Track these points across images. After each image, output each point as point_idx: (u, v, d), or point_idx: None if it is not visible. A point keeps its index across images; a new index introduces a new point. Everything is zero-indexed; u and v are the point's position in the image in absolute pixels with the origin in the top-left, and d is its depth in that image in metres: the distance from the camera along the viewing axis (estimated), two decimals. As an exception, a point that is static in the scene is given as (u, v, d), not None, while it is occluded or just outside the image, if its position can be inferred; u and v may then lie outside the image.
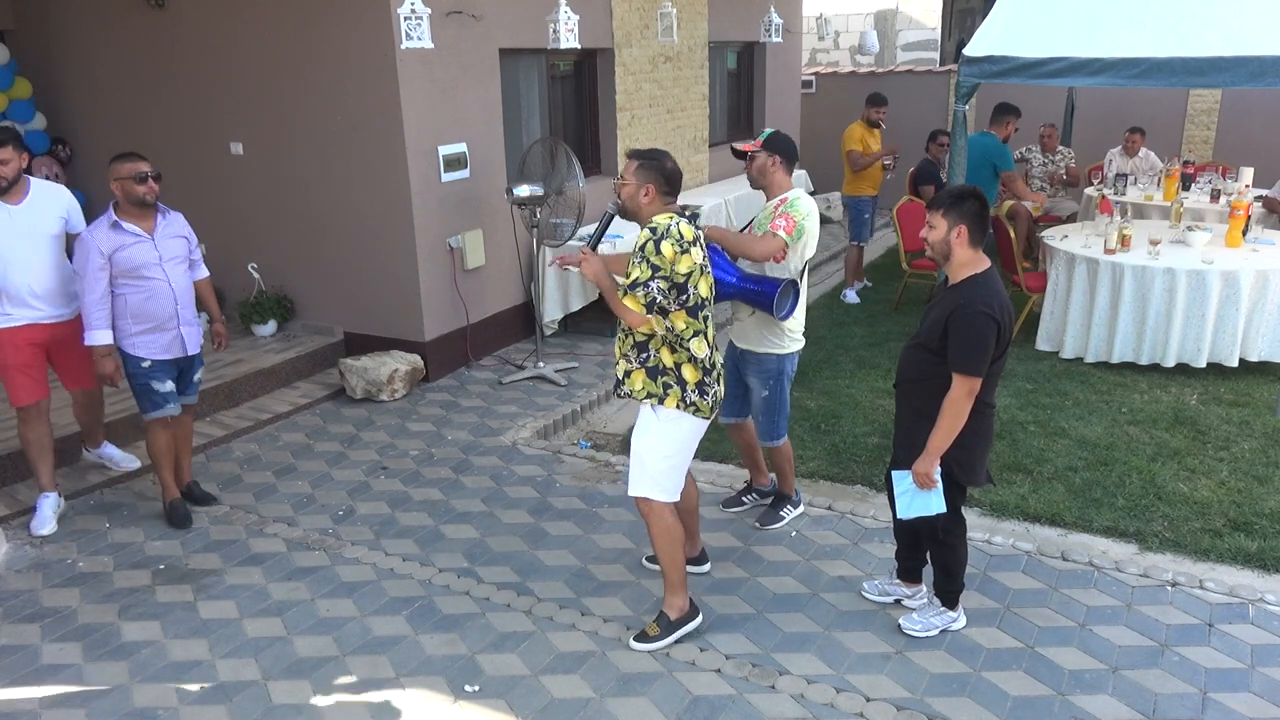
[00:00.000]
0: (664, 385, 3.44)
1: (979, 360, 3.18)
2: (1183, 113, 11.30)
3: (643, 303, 3.28)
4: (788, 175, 4.09)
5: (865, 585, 3.96)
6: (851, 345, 7.15)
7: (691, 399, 3.44)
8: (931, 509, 3.38)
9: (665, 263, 3.26)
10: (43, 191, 4.53)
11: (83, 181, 7.60)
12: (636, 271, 3.28)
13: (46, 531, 4.52)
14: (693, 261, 3.31)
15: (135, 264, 4.30)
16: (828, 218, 12.13)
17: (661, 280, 3.26)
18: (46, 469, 4.59)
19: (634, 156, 3.42)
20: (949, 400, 3.23)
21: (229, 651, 3.66)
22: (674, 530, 3.55)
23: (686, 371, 3.43)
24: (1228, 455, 5.10)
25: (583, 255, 3.42)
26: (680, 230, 3.31)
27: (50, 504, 4.60)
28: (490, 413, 6.03)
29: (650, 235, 3.29)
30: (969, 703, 3.29)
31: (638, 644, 3.62)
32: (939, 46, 14.82)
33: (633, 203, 3.40)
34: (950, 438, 3.28)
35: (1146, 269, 6.27)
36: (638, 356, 3.46)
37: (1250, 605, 3.80)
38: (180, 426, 4.71)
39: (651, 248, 3.27)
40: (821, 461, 5.17)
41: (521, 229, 7.12)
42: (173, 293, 4.41)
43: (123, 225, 4.29)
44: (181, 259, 4.50)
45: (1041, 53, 5.95)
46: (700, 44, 9.28)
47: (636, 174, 3.37)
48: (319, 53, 6.19)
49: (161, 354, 4.45)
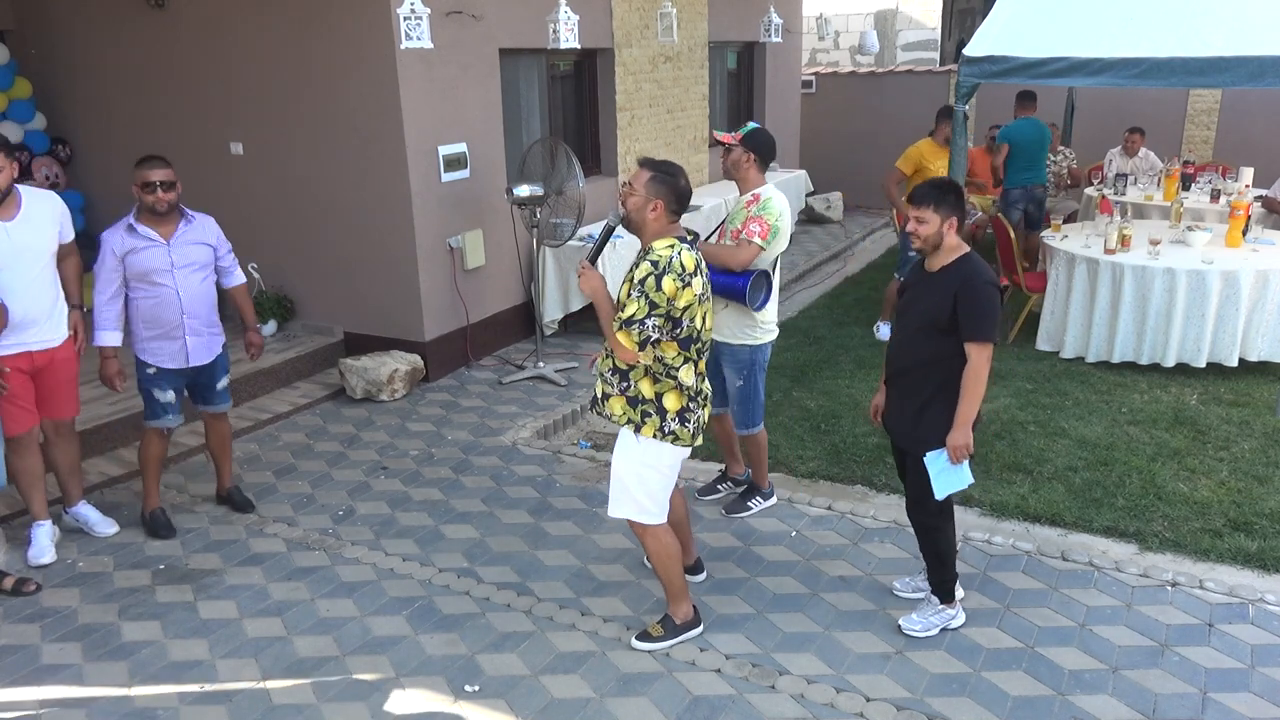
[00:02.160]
0: (642, 414, 3.35)
1: (994, 327, 3.34)
2: (1183, 113, 11.31)
3: (636, 340, 3.19)
4: (761, 173, 4.16)
5: (897, 584, 3.97)
6: (851, 345, 7.15)
7: (671, 428, 3.35)
8: (964, 482, 3.45)
9: (664, 299, 3.16)
10: (35, 203, 4.14)
11: (82, 182, 7.61)
12: (633, 307, 3.16)
13: (46, 561, 4.28)
14: (693, 294, 3.20)
15: (146, 269, 4.25)
16: (827, 218, 12.13)
17: (658, 318, 3.17)
18: (39, 497, 4.35)
19: (647, 166, 3.26)
20: (972, 369, 3.33)
21: (229, 651, 3.66)
22: (669, 548, 3.53)
23: (668, 400, 3.33)
24: (1228, 455, 5.10)
25: (582, 269, 3.35)
26: (682, 262, 3.18)
27: (46, 533, 4.37)
28: (490, 413, 6.03)
29: (651, 270, 3.16)
30: (969, 703, 3.29)
31: (639, 643, 3.61)
32: (939, 46, 14.83)
33: (638, 215, 3.26)
34: (977, 405, 3.38)
35: (1146, 269, 6.27)
36: (618, 384, 3.37)
37: (1250, 605, 3.80)
38: (215, 434, 4.74)
39: (652, 283, 3.15)
40: (821, 461, 5.18)
41: (521, 229, 7.12)
42: (179, 301, 4.31)
43: (138, 229, 4.25)
44: (198, 266, 4.37)
45: (1041, 53, 5.95)
46: (700, 44, 9.29)
47: (647, 186, 3.22)
48: (319, 53, 6.19)
49: (167, 362, 4.39)
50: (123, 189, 7.35)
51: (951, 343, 3.35)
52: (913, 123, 12.48)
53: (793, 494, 4.80)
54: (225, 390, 4.66)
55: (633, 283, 3.21)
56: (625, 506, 3.47)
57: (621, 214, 3.34)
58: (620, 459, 3.45)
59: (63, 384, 4.29)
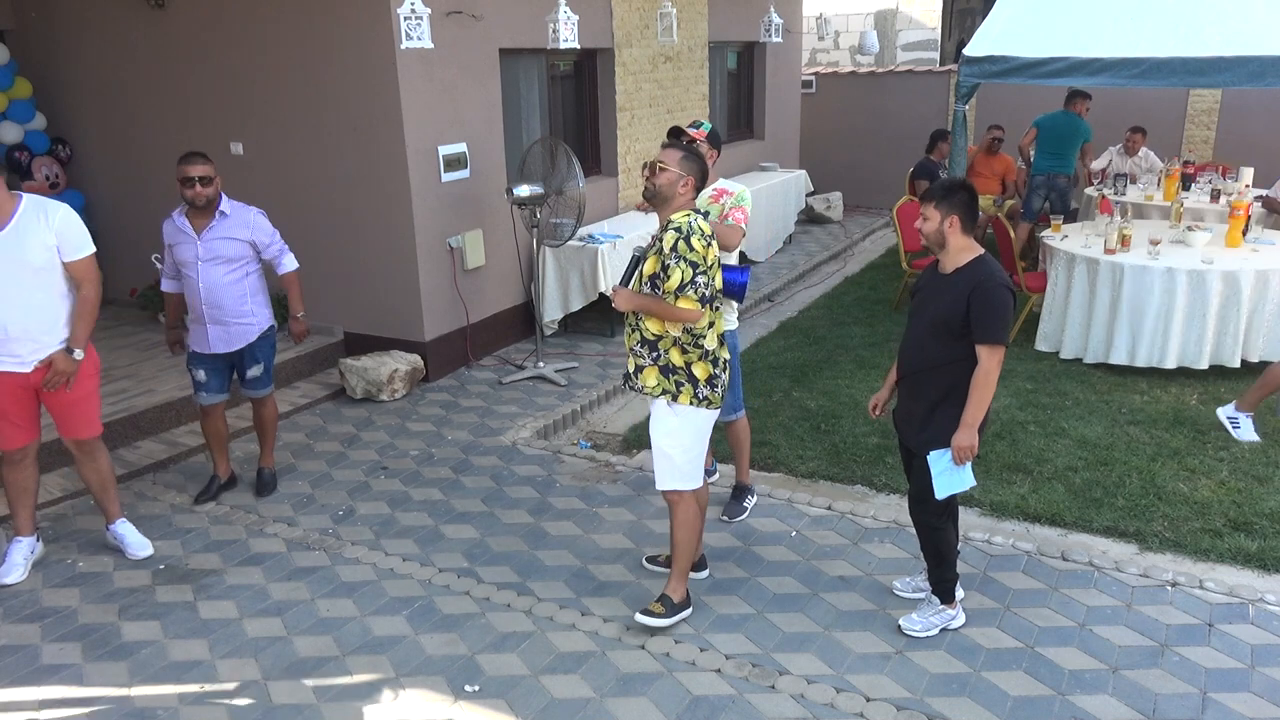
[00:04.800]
0: (676, 383, 3.54)
1: (1006, 330, 3.33)
2: (1183, 113, 11.30)
3: (696, 299, 3.39)
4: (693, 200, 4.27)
5: (897, 584, 3.97)
6: (851, 345, 7.15)
7: (704, 394, 3.56)
8: (965, 484, 3.45)
9: (700, 257, 3.38)
10: (31, 213, 3.85)
11: (82, 182, 7.60)
12: (678, 273, 3.37)
13: (12, 580, 4.12)
14: (714, 254, 3.48)
15: (178, 259, 4.59)
16: (827, 218, 12.13)
17: (703, 275, 3.39)
18: (24, 512, 4.20)
19: (675, 146, 3.50)
20: (982, 372, 3.33)
21: (229, 651, 3.66)
22: (696, 522, 3.73)
23: (698, 369, 3.54)
24: (1228, 455, 5.10)
25: (614, 293, 3.52)
26: (700, 226, 3.44)
27: (22, 549, 4.21)
28: (490, 413, 6.03)
29: (677, 234, 3.39)
30: (969, 703, 3.29)
31: (643, 617, 3.68)
32: (939, 46, 14.82)
33: (669, 189, 3.45)
34: (985, 408, 3.38)
35: (1146, 269, 6.26)
36: (649, 354, 3.55)
37: (1250, 605, 3.80)
38: (256, 416, 5.01)
39: (684, 246, 3.38)
40: (821, 461, 5.17)
41: (521, 229, 7.12)
42: (200, 292, 4.55)
43: (177, 220, 4.56)
44: (223, 260, 4.54)
45: (1041, 53, 5.96)
46: (700, 44, 9.29)
47: (681, 164, 3.45)
48: (319, 52, 6.19)
49: (197, 346, 4.68)
50: (123, 189, 7.40)
51: (964, 345, 3.36)
52: (913, 123, 12.50)
53: (793, 494, 4.80)
54: (259, 378, 4.84)
55: (663, 253, 3.41)
56: (672, 478, 3.64)
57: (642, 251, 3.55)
58: (660, 432, 3.62)
59: (67, 405, 4.07)
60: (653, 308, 3.45)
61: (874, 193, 12.97)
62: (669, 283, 3.39)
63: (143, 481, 5.14)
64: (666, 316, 3.44)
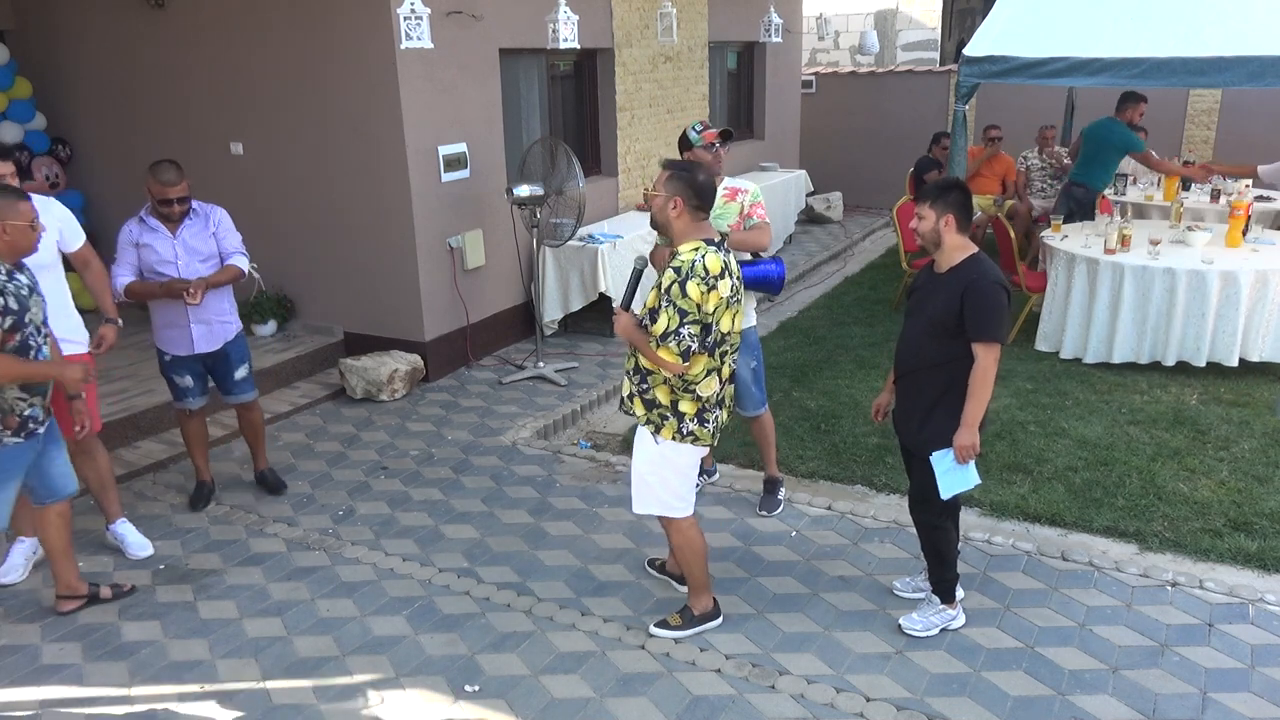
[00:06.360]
0: (660, 416, 3.40)
1: (1002, 328, 3.33)
2: (1183, 113, 11.31)
3: (678, 353, 3.21)
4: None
5: (897, 584, 3.97)
6: (851, 345, 7.15)
7: (689, 429, 3.40)
8: (970, 483, 3.44)
9: (693, 305, 3.17)
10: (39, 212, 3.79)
11: (82, 182, 7.60)
12: (664, 320, 3.18)
13: (12, 581, 4.16)
14: (719, 297, 3.20)
15: (153, 259, 4.46)
16: (827, 218, 12.14)
17: (691, 325, 3.18)
18: (25, 513, 4.13)
19: (666, 166, 3.34)
20: (980, 370, 3.33)
21: (229, 651, 3.66)
22: (695, 542, 3.60)
23: (684, 406, 3.36)
24: (1228, 455, 5.10)
25: (616, 315, 3.38)
26: (706, 265, 3.17)
27: (23, 550, 4.25)
28: (490, 413, 6.03)
29: (675, 276, 3.17)
30: (969, 703, 3.29)
31: (658, 630, 3.66)
32: (939, 46, 14.82)
33: (661, 215, 3.30)
34: (984, 406, 3.37)
35: (1146, 269, 6.26)
36: (639, 384, 3.42)
37: (1250, 605, 3.80)
38: (244, 423, 4.93)
39: (677, 290, 3.16)
40: (821, 461, 5.17)
41: (521, 229, 7.12)
42: None
43: (148, 221, 4.47)
44: (203, 257, 4.52)
45: (1041, 53, 5.96)
46: (700, 44, 9.28)
47: (666, 185, 3.27)
48: (319, 52, 6.19)
49: (178, 350, 4.59)
50: (123, 189, 7.39)
51: (960, 344, 3.35)
52: (913, 123, 12.50)
53: (793, 494, 4.80)
54: (246, 380, 4.79)
55: (660, 291, 3.24)
56: (649, 504, 3.55)
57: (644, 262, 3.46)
58: (640, 458, 3.51)
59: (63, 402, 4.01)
60: (641, 348, 3.30)
61: (874, 193, 12.97)
62: (655, 327, 3.21)
63: (143, 481, 5.14)
64: (649, 359, 3.29)
